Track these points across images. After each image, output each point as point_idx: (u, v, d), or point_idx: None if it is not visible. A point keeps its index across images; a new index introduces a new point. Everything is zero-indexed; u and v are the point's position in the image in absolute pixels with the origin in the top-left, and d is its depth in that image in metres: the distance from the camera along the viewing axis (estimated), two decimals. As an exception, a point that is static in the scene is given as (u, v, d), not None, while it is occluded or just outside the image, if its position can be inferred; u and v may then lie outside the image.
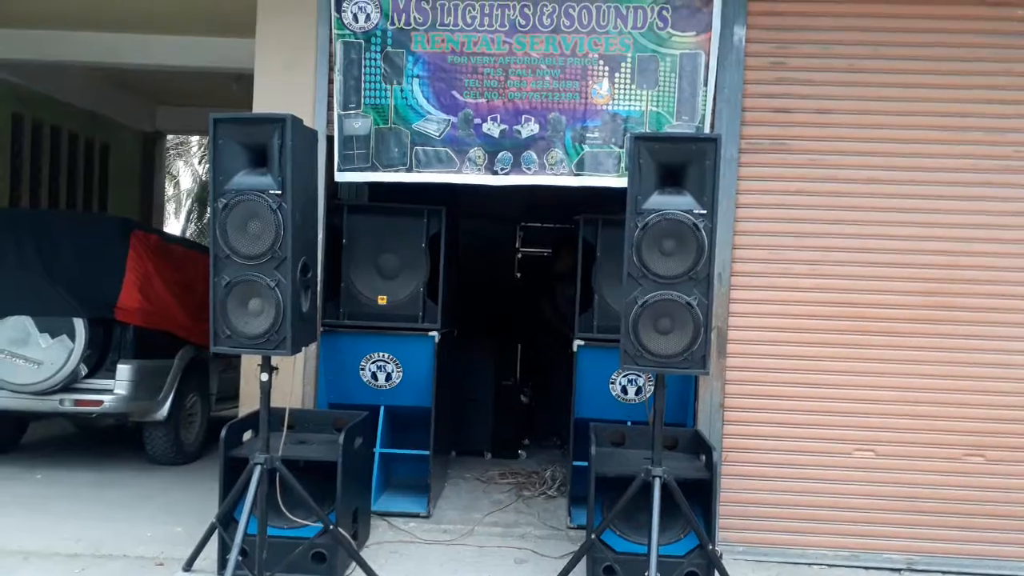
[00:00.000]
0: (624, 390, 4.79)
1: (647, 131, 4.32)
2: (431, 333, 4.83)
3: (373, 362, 4.92)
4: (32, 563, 3.91)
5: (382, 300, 4.87)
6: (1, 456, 6.00)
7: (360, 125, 4.51)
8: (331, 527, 3.65)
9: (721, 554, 3.86)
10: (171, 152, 18.49)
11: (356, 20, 4.48)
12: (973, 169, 4.31)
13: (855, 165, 4.34)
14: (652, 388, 3.94)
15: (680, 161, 3.48)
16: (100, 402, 5.47)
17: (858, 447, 4.34)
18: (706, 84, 4.37)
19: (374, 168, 4.53)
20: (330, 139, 4.53)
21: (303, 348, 3.89)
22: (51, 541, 4.18)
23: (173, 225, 19.64)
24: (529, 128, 4.45)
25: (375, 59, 4.49)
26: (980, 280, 4.31)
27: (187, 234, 19.27)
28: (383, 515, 4.67)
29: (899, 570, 4.28)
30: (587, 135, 4.44)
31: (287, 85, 4.55)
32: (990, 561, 4.28)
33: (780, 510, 4.36)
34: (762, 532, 4.36)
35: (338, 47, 4.51)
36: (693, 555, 3.66)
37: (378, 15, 4.47)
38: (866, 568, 4.27)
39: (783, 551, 4.33)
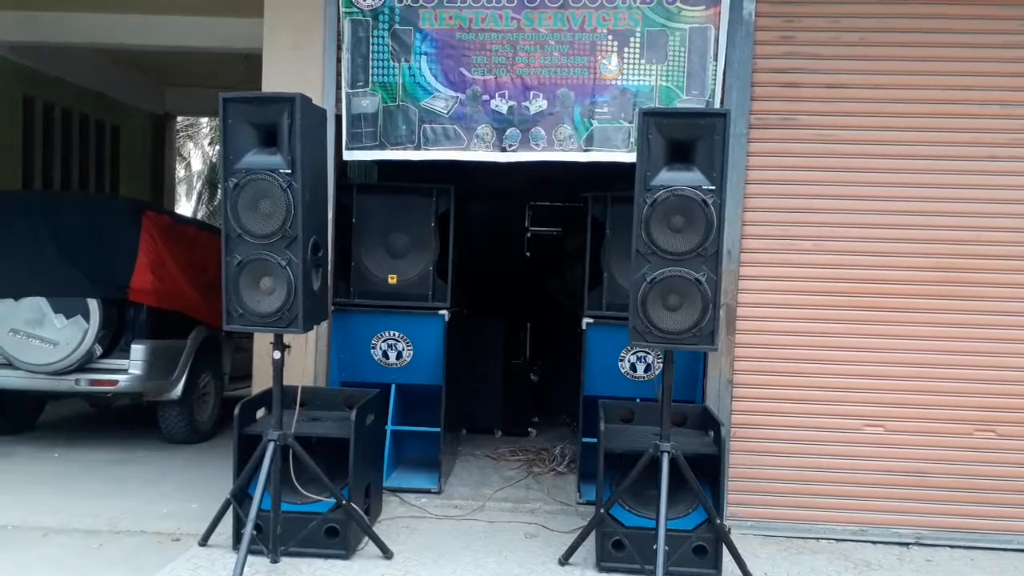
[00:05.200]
0: (633, 367, 4.81)
1: (656, 106, 4.30)
2: (441, 312, 4.85)
3: (384, 340, 4.95)
4: (51, 539, 3.97)
5: (392, 279, 4.88)
6: (19, 435, 6.09)
7: (368, 103, 4.51)
8: (344, 502, 3.69)
9: (729, 528, 3.89)
10: (181, 134, 18.54)
11: (364, -2, 4.47)
12: (982, 143, 4.27)
13: (865, 140, 4.31)
14: (661, 365, 3.95)
15: (689, 136, 3.45)
16: (115, 382, 5.53)
17: (868, 422, 4.35)
18: (716, 59, 4.33)
19: (382, 146, 4.53)
20: (338, 118, 4.52)
21: (314, 326, 3.92)
22: (70, 517, 4.24)
23: (184, 207, 19.73)
24: (537, 104, 4.43)
25: (383, 37, 4.48)
26: (989, 255, 4.29)
27: (198, 216, 19.35)
28: (395, 491, 4.72)
29: (907, 544, 4.29)
30: (596, 110, 4.41)
31: (296, 64, 4.55)
32: (999, 535, 4.29)
33: (788, 485, 4.38)
34: (770, 507, 4.38)
35: (346, 25, 4.49)
36: (701, 529, 3.68)
37: (386, -8, 4.45)
38: (874, 542, 4.29)
39: (791, 526, 4.35)
